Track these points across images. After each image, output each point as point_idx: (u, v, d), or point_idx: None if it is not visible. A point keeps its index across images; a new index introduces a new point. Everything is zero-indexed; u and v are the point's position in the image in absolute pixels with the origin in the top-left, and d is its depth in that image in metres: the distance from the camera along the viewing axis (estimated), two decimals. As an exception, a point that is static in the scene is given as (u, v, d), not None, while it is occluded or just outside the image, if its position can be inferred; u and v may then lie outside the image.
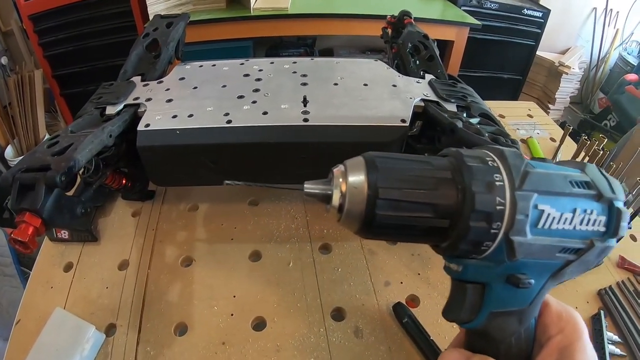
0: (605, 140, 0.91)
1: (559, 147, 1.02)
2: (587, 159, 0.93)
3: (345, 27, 2.09)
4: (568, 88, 2.93)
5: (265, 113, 0.69)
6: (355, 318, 0.66)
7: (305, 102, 0.72)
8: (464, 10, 2.30)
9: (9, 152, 2.26)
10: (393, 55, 0.97)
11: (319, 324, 0.65)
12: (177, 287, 0.70)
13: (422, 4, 2.31)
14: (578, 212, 0.31)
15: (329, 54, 2.71)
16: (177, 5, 1.92)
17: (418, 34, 0.94)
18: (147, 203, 0.85)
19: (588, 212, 0.31)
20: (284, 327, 0.64)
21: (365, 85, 0.77)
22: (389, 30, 1.08)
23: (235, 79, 0.79)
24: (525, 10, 2.47)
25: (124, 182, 0.77)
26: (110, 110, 0.71)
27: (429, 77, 0.83)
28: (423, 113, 0.73)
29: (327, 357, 0.61)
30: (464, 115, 0.71)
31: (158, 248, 0.76)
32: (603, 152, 0.90)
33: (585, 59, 3.08)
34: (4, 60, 2.43)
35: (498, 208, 0.30)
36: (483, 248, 0.31)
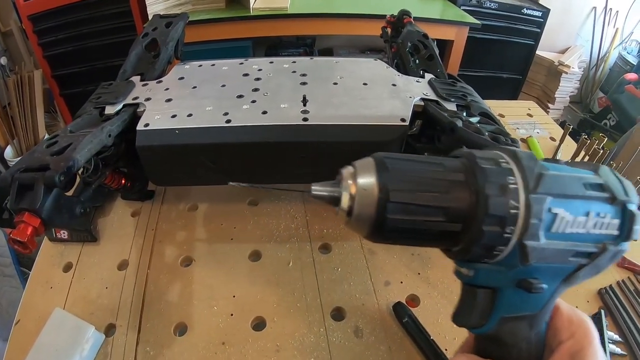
0: (606, 140, 0.90)
1: (559, 146, 1.02)
2: (587, 159, 0.92)
3: (345, 26, 2.09)
4: (568, 87, 2.93)
5: (265, 112, 0.69)
6: (355, 318, 0.66)
7: (305, 101, 0.72)
8: (464, 10, 2.30)
9: (9, 152, 2.26)
10: (393, 55, 0.97)
11: (319, 324, 0.65)
12: (176, 287, 0.70)
13: (421, 4, 2.31)
14: (591, 215, 0.30)
15: (329, 54, 2.71)
16: (176, 5, 1.92)
17: (418, 33, 0.94)
18: (146, 203, 0.84)
19: (601, 215, 0.31)
20: (284, 327, 0.64)
21: (365, 85, 0.77)
22: (389, 30, 1.08)
23: (235, 79, 0.79)
24: (525, 10, 2.47)
25: (123, 182, 0.77)
26: (110, 110, 0.71)
27: (429, 76, 0.83)
28: (423, 112, 0.73)
29: (327, 357, 0.61)
30: (464, 115, 0.71)
31: (157, 248, 0.76)
32: (603, 151, 0.89)
33: (585, 59, 3.08)
34: (4, 61, 2.43)
35: (512, 212, 0.29)
36: (495, 252, 0.30)
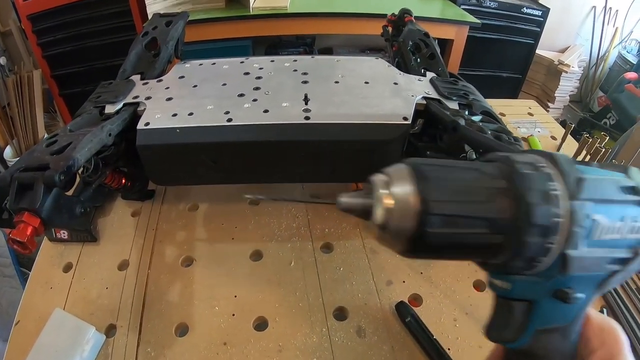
0: (607, 138, 0.90)
1: (561, 145, 1.02)
2: (588, 158, 0.92)
3: (345, 26, 2.09)
4: (567, 87, 2.93)
5: (266, 111, 0.69)
6: (358, 317, 0.65)
7: (307, 100, 0.71)
8: (464, 9, 2.29)
9: (8, 152, 2.26)
10: (394, 54, 0.96)
11: (321, 324, 0.64)
12: (177, 287, 0.69)
13: (421, 3, 2.30)
14: (627, 220, 0.30)
15: (328, 53, 2.70)
16: (176, 5, 1.91)
17: (419, 32, 0.94)
18: (146, 203, 0.84)
19: (636, 219, 0.30)
20: (286, 327, 0.64)
21: (367, 83, 0.77)
22: (390, 29, 1.08)
23: (236, 78, 0.78)
24: (525, 9, 2.47)
25: (124, 181, 0.77)
26: (110, 109, 0.71)
27: (430, 75, 0.82)
28: (425, 111, 0.73)
29: (329, 357, 0.60)
30: (466, 113, 0.70)
31: (158, 248, 0.75)
32: (605, 150, 0.89)
33: (585, 58, 3.08)
34: (3, 61, 2.42)
35: (555, 220, 0.27)
36: (536, 264, 0.29)
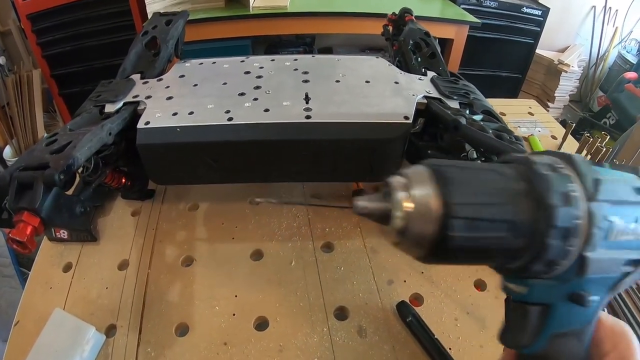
0: (608, 138, 0.90)
1: (561, 144, 1.02)
2: (588, 157, 0.92)
3: (345, 25, 2.09)
4: (567, 86, 2.93)
5: (267, 110, 0.68)
6: (359, 317, 0.65)
7: (307, 99, 0.71)
8: (464, 9, 2.29)
9: (8, 152, 2.26)
10: (394, 53, 0.96)
11: (322, 324, 0.64)
12: (177, 287, 0.69)
13: (421, 3, 2.30)
14: None
15: (328, 53, 2.70)
16: (175, 4, 1.91)
17: (419, 31, 0.94)
18: (146, 202, 0.84)
19: None
20: (287, 326, 0.64)
21: (367, 83, 0.77)
22: (390, 28, 1.07)
23: (236, 77, 0.78)
24: (525, 9, 2.47)
25: (124, 181, 0.77)
26: (110, 108, 0.71)
27: (431, 74, 0.82)
28: (426, 110, 0.73)
29: (330, 356, 0.60)
30: (467, 112, 0.70)
31: (158, 248, 0.75)
32: (606, 149, 0.89)
33: (585, 57, 3.08)
34: (2, 60, 2.42)
35: (575, 222, 0.27)
36: (555, 267, 0.28)
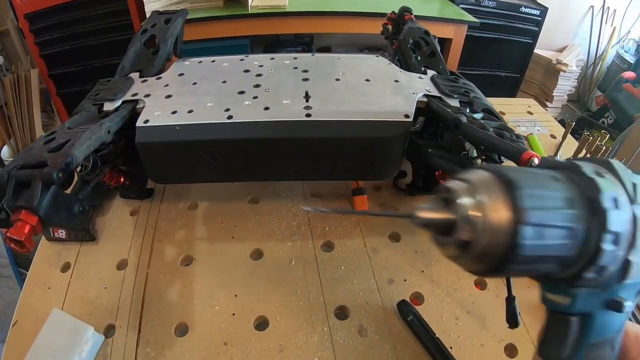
0: (608, 136, 0.90)
1: (561, 143, 1.02)
2: (588, 156, 0.92)
3: (343, 25, 2.09)
4: (565, 86, 2.93)
5: (267, 108, 0.68)
6: (359, 316, 0.65)
7: (307, 97, 0.71)
8: (462, 8, 2.30)
9: (5, 152, 2.25)
10: (394, 52, 0.96)
11: (323, 323, 0.64)
12: (177, 286, 0.69)
13: (420, 2, 2.30)
14: None
15: (327, 52, 2.70)
16: (174, 3, 1.91)
17: (419, 30, 0.94)
18: (145, 202, 0.83)
19: None
20: (287, 326, 0.63)
21: (367, 81, 0.77)
22: (390, 27, 1.07)
23: (236, 75, 0.78)
24: (523, 9, 2.47)
25: (122, 180, 0.76)
26: (109, 107, 0.70)
27: (431, 72, 0.82)
28: (426, 108, 0.72)
29: (331, 356, 0.60)
30: (467, 111, 0.70)
31: (157, 247, 0.75)
32: (605, 148, 0.89)
33: (583, 57, 3.08)
34: (0, 60, 2.41)
35: (626, 226, 0.27)
36: (604, 273, 0.28)
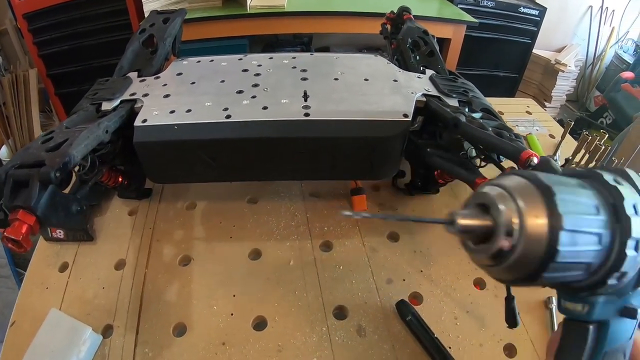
0: (607, 136, 0.90)
1: (560, 143, 1.02)
2: (587, 156, 0.92)
3: (342, 25, 2.08)
4: (564, 86, 2.94)
5: (266, 108, 0.68)
6: (358, 316, 0.65)
7: (306, 97, 0.71)
8: (461, 8, 2.29)
9: (4, 152, 2.24)
10: (392, 51, 0.96)
11: (321, 323, 0.64)
12: (175, 286, 0.69)
13: (419, 2, 2.30)
14: None
15: (326, 52, 2.70)
16: (172, 3, 1.90)
17: (418, 30, 0.94)
18: (143, 201, 0.83)
19: None
20: (285, 326, 0.63)
21: (366, 80, 0.76)
22: (389, 26, 1.07)
23: (234, 74, 0.78)
24: (522, 9, 2.47)
25: (120, 180, 0.76)
26: (106, 106, 0.70)
27: (430, 72, 0.82)
28: (425, 108, 0.72)
29: (329, 356, 0.60)
30: (466, 110, 0.70)
31: (155, 247, 0.75)
32: (604, 148, 0.89)
33: (581, 57, 3.09)
34: (-2, 60, 2.41)
35: None
36: (624, 279, 0.28)
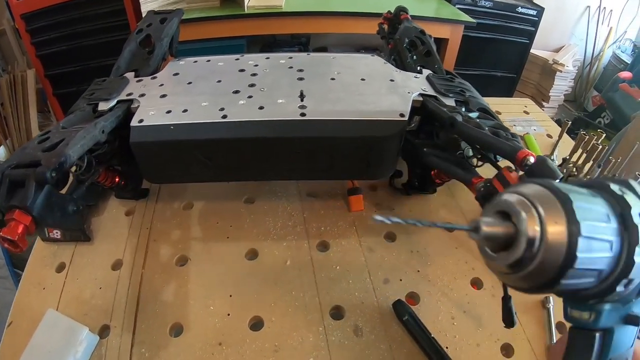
0: (604, 136, 0.90)
1: (557, 142, 1.02)
2: (584, 155, 0.92)
3: (340, 25, 2.08)
4: (562, 86, 2.94)
5: (262, 108, 0.68)
6: (355, 316, 0.65)
7: (302, 96, 0.71)
8: (459, 9, 2.30)
9: (1, 152, 2.23)
10: (390, 51, 0.96)
11: (318, 323, 0.64)
12: (172, 286, 0.69)
13: (416, 2, 2.30)
14: None
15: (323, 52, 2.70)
16: (170, 3, 1.90)
17: (415, 29, 0.94)
18: (141, 202, 0.83)
19: None
20: (282, 326, 0.63)
21: (363, 80, 0.77)
22: (386, 26, 1.07)
23: (231, 74, 0.78)
24: (520, 9, 2.48)
25: (117, 180, 0.76)
26: (103, 107, 0.70)
27: (427, 72, 0.82)
28: (421, 108, 0.72)
29: (326, 356, 0.60)
30: (463, 110, 0.70)
31: (152, 247, 0.74)
32: (602, 147, 0.89)
33: (579, 57, 3.09)
34: (-4, 60, 2.41)
35: None
36: (630, 286, 0.29)
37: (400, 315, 0.63)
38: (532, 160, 0.53)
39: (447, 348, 0.60)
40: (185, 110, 0.68)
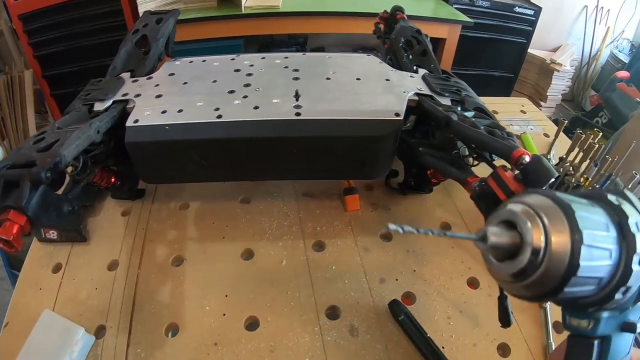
0: (601, 135, 0.90)
1: (554, 142, 1.02)
2: (581, 154, 0.92)
3: (337, 25, 2.08)
4: (559, 85, 2.95)
5: (257, 107, 0.68)
6: (351, 316, 0.65)
7: (297, 96, 0.71)
8: (456, 8, 2.30)
9: (-1, 153, 2.24)
10: (386, 51, 0.96)
11: (314, 323, 0.64)
12: (167, 287, 0.69)
13: (414, 2, 2.30)
14: None
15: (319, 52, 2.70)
16: (167, 4, 1.90)
17: (411, 29, 0.94)
18: (137, 202, 0.83)
19: None
20: (278, 326, 0.63)
21: (358, 80, 0.77)
22: (382, 26, 1.07)
23: (226, 74, 0.78)
24: (517, 8, 2.48)
25: (113, 180, 0.76)
26: (99, 107, 0.70)
27: (423, 71, 0.82)
28: (417, 107, 0.72)
29: (322, 356, 0.60)
30: (459, 109, 0.70)
31: (148, 247, 0.74)
32: (598, 146, 0.89)
33: (577, 57, 3.10)
34: (-7, 61, 2.40)
35: None
36: (627, 294, 0.29)
37: (396, 315, 0.64)
38: (527, 159, 0.53)
39: (443, 348, 0.60)
40: (181, 111, 0.68)
